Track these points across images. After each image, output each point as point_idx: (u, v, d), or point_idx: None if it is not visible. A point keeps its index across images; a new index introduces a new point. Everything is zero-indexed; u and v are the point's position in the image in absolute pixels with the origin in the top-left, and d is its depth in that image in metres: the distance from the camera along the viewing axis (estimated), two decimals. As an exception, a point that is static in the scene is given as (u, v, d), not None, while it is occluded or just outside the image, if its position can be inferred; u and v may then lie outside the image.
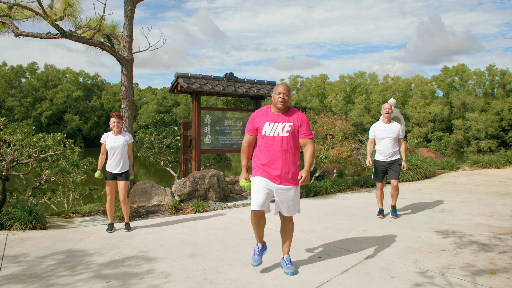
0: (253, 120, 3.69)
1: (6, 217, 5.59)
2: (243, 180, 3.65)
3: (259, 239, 3.77)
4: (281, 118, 3.61)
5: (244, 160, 3.74)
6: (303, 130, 3.63)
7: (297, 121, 3.62)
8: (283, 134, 3.56)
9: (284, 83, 3.65)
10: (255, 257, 3.70)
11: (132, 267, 3.89)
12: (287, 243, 3.78)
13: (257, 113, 3.71)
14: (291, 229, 3.76)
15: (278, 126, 3.58)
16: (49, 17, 6.65)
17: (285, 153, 3.57)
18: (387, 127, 6.13)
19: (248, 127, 3.71)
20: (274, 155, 3.57)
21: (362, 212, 6.49)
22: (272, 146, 3.57)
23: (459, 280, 3.41)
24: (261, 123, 3.62)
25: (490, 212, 6.26)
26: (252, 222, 3.70)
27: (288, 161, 3.58)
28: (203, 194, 7.57)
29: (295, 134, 3.62)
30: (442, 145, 23.82)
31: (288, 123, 3.59)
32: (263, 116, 3.65)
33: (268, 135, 3.58)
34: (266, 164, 3.59)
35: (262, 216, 3.66)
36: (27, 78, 65.04)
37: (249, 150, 3.76)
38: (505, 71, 54.40)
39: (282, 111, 3.64)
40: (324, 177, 9.66)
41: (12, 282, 3.52)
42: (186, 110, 64.76)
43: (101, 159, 5.54)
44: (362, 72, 66.85)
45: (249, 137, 3.73)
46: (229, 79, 9.17)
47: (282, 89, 3.58)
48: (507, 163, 13.25)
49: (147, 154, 10.49)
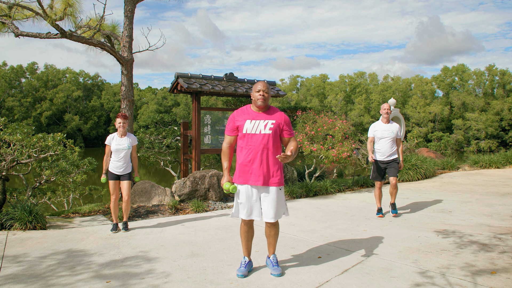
0: (233, 120, 3.62)
1: (6, 217, 5.59)
2: (227, 183, 3.51)
3: (247, 252, 3.71)
4: (262, 116, 3.56)
5: (226, 162, 3.65)
6: (287, 128, 3.61)
7: (280, 120, 3.58)
8: (266, 132, 3.51)
9: (263, 81, 3.61)
10: (241, 269, 3.61)
11: (132, 267, 3.89)
12: (272, 244, 3.72)
13: (237, 112, 3.65)
14: (276, 232, 3.69)
15: (260, 123, 3.53)
16: (49, 17, 6.65)
17: (267, 151, 3.51)
18: (386, 127, 6.17)
19: (228, 127, 3.64)
20: (255, 153, 3.50)
21: (362, 212, 6.49)
22: (254, 144, 3.51)
23: (459, 280, 3.41)
24: (242, 122, 3.55)
25: (490, 212, 6.26)
26: (241, 232, 3.66)
27: (270, 160, 3.53)
28: (203, 194, 7.57)
29: (277, 133, 3.58)
30: (442, 145, 23.84)
31: (271, 120, 3.54)
32: (244, 115, 3.59)
33: (250, 132, 3.52)
34: (247, 163, 3.52)
35: (251, 226, 3.65)
36: (27, 78, 65.01)
37: (231, 151, 3.68)
38: (505, 71, 54.38)
39: (263, 109, 3.59)
40: (324, 177, 9.66)
41: (12, 282, 3.52)
42: (186, 110, 64.76)
43: (106, 161, 5.54)
44: (362, 72, 66.87)
45: (229, 138, 3.66)
46: (229, 79, 9.17)
47: (262, 86, 3.53)
48: (507, 163, 13.25)
49: (147, 154, 10.49)
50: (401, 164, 6.27)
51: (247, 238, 3.68)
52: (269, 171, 3.53)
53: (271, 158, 3.54)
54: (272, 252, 3.74)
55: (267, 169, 3.52)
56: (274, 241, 3.71)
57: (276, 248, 3.88)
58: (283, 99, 57.90)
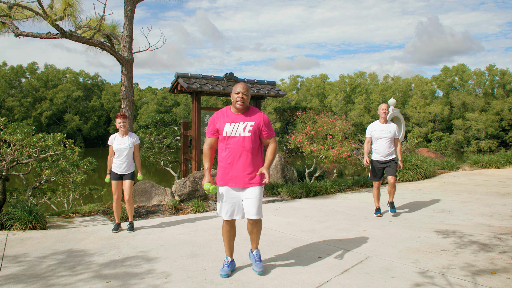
0: (213, 122, 3.63)
1: (6, 217, 5.59)
2: (208, 184, 3.53)
3: (230, 252, 3.74)
4: (241, 118, 3.57)
5: (207, 163, 3.66)
6: (266, 129, 3.62)
7: (259, 121, 3.59)
8: (245, 134, 3.52)
9: (243, 83, 3.60)
10: (224, 269, 3.63)
11: (132, 267, 3.89)
12: (255, 240, 3.76)
13: (216, 114, 3.66)
14: (259, 229, 3.72)
15: (239, 125, 3.54)
16: (49, 17, 6.65)
17: (247, 153, 3.53)
18: (384, 127, 6.19)
19: (209, 130, 3.66)
20: (236, 155, 3.52)
21: (362, 212, 6.49)
22: (234, 146, 3.53)
23: (459, 280, 3.41)
24: (222, 125, 3.57)
25: (490, 212, 6.26)
26: (223, 232, 3.69)
27: (250, 161, 3.54)
28: (203, 194, 7.58)
29: (257, 134, 3.58)
30: (442, 145, 23.83)
31: (250, 122, 3.55)
32: (223, 117, 3.60)
33: (229, 135, 3.54)
34: (228, 165, 3.55)
35: (233, 226, 3.68)
36: (27, 78, 65.01)
37: (211, 153, 3.70)
38: (505, 71, 54.39)
39: (242, 110, 3.59)
40: (324, 177, 9.66)
41: (12, 282, 3.52)
42: (186, 110, 64.75)
43: (110, 161, 5.56)
44: (362, 72, 66.88)
45: (210, 140, 3.67)
46: (229, 79, 9.17)
47: (241, 88, 3.52)
48: (507, 163, 13.25)
49: (147, 154, 10.50)
50: (400, 165, 6.29)
51: (229, 237, 3.71)
52: (250, 173, 3.55)
53: (252, 159, 3.55)
54: (255, 247, 3.79)
55: (247, 170, 3.54)
56: (257, 237, 3.75)
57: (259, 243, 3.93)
58: (283, 99, 57.93)
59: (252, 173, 3.55)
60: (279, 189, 8.23)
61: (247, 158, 3.53)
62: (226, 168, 3.56)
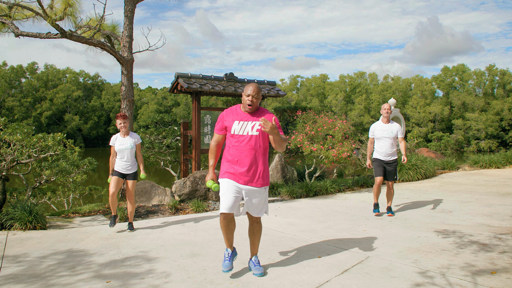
0: (222, 119, 3.63)
1: (6, 217, 5.59)
2: (210, 181, 3.53)
3: (229, 244, 3.70)
4: (251, 117, 3.56)
5: (212, 160, 3.66)
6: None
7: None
8: (253, 133, 3.51)
9: (255, 84, 3.56)
10: (226, 263, 3.60)
11: (132, 267, 3.89)
12: (255, 244, 3.74)
13: (226, 112, 3.66)
14: (259, 230, 3.71)
15: (248, 124, 3.53)
16: (49, 17, 6.65)
17: (254, 152, 3.51)
18: (386, 127, 6.19)
19: (217, 126, 3.66)
20: (242, 154, 3.50)
21: (362, 212, 6.49)
22: (241, 144, 3.51)
23: (459, 280, 3.41)
24: (230, 122, 3.56)
25: (490, 212, 6.27)
26: (221, 226, 3.62)
27: (256, 161, 3.52)
28: (203, 194, 7.58)
29: (265, 134, 3.57)
30: (442, 145, 23.81)
31: (259, 122, 3.52)
32: (232, 115, 3.59)
33: (237, 133, 3.52)
34: (234, 163, 3.52)
35: (231, 220, 3.61)
36: (27, 78, 64.99)
37: (218, 150, 3.69)
38: (505, 71, 54.37)
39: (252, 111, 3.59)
40: (324, 177, 9.66)
41: (12, 282, 3.52)
42: (186, 110, 64.74)
43: (112, 161, 5.55)
44: (362, 72, 66.86)
45: (218, 136, 3.67)
46: (229, 79, 9.17)
47: (251, 91, 3.49)
48: (507, 163, 13.25)
49: (147, 154, 10.50)
50: (404, 158, 6.18)
51: (228, 231, 3.63)
52: (254, 172, 3.52)
53: (259, 158, 3.54)
54: (254, 253, 3.76)
55: (252, 170, 3.52)
56: (258, 240, 3.73)
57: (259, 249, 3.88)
58: (283, 99, 57.90)
59: (258, 172, 3.53)
60: (279, 189, 8.24)
61: (253, 157, 3.51)
62: (232, 164, 3.54)
